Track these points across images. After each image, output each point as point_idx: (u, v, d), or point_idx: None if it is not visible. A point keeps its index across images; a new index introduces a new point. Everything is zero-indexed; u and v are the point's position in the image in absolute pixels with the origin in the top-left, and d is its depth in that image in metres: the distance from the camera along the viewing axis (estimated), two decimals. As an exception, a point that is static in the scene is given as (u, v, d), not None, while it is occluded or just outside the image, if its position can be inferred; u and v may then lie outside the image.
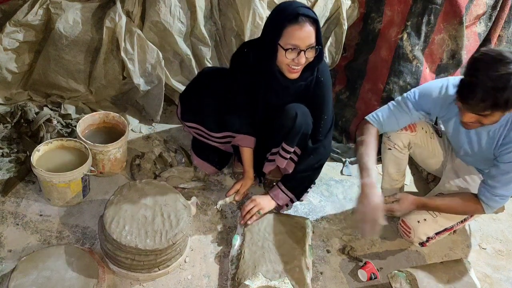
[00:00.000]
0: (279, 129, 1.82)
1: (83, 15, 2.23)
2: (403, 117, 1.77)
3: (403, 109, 1.75)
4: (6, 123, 2.19)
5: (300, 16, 1.56)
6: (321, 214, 2.06)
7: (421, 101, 1.73)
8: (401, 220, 1.87)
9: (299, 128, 1.79)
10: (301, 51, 1.59)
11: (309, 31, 1.58)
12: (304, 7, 1.60)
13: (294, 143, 1.83)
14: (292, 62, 1.61)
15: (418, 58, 2.25)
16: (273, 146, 1.90)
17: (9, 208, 1.81)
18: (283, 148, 1.85)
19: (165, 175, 2.03)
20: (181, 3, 2.22)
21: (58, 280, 1.47)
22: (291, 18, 1.56)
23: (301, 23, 1.56)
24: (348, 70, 2.48)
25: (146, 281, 1.63)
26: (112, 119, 2.09)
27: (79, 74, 2.34)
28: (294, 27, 1.56)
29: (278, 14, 1.62)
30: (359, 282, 1.77)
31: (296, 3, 1.63)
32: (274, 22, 1.62)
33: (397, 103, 1.78)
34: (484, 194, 1.66)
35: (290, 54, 1.59)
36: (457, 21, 2.17)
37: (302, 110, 1.79)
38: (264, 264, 1.63)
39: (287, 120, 1.78)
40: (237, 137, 1.90)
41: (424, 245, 1.86)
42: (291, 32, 1.57)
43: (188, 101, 1.96)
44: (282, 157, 1.86)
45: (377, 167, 2.34)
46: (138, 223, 1.58)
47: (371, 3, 2.32)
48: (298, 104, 1.79)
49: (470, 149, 1.75)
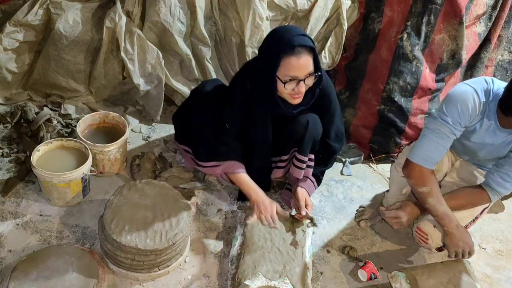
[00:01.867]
0: (289, 137, 1.81)
1: (83, 15, 2.23)
2: (450, 141, 1.66)
3: (448, 135, 1.63)
4: (6, 123, 2.19)
5: (296, 47, 1.51)
6: (321, 214, 2.06)
7: (461, 120, 1.61)
8: (417, 228, 1.81)
9: (310, 136, 1.78)
10: (300, 81, 1.56)
11: (307, 61, 1.54)
12: (299, 35, 1.54)
13: (307, 151, 1.82)
14: (292, 91, 1.59)
15: (418, 58, 2.25)
16: (282, 154, 1.89)
17: (9, 208, 1.81)
18: (297, 158, 1.84)
19: (165, 175, 2.03)
20: (181, 3, 2.22)
21: (58, 280, 1.47)
22: (288, 50, 1.52)
23: (298, 54, 1.52)
24: (348, 70, 2.48)
25: (146, 281, 1.63)
26: (112, 119, 2.09)
27: (79, 74, 2.34)
28: (291, 59, 1.52)
29: (273, 45, 1.56)
30: (359, 282, 1.77)
31: (292, 31, 1.56)
32: (270, 55, 1.56)
33: (438, 132, 1.63)
34: (495, 180, 1.66)
35: (290, 85, 1.57)
36: (457, 21, 2.17)
37: (312, 118, 1.78)
38: (264, 264, 1.63)
39: (299, 128, 1.77)
40: (224, 165, 1.81)
41: (442, 249, 1.79)
42: (288, 63, 1.53)
43: (179, 124, 1.97)
44: (297, 167, 1.85)
45: (376, 166, 2.37)
46: (138, 223, 1.58)
47: (371, 3, 2.32)
48: (309, 113, 1.78)
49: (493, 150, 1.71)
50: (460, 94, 1.60)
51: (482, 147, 1.72)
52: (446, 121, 1.61)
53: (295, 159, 1.85)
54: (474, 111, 1.59)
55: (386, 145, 2.40)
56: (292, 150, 1.88)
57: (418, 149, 1.67)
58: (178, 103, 2.47)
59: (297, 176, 1.88)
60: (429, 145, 1.65)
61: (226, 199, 2.05)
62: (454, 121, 1.60)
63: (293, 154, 1.88)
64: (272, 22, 2.32)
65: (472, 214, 1.82)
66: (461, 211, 1.76)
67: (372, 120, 2.40)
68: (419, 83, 2.27)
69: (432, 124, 1.66)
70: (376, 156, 2.42)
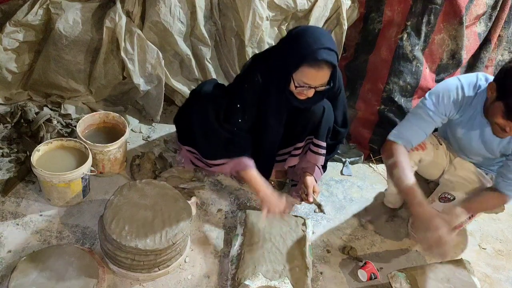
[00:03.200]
0: (306, 124, 1.83)
1: (83, 15, 2.23)
2: (428, 126, 1.72)
3: (426, 119, 1.70)
4: (6, 123, 2.19)
5: (319, 61, 1.51)
6: (321, 214, 2.05)
7: (440, 106, 1.68)
8: (412, 223, 1.84)
9: (326, 122, 1.82)
10: (311, 88, 1.58)
11: (324, 75, 1.56)
12: (326, 48, 1.51)
13: (324, 137, 1.86)
14: (301, 93, 1.62)
15: (418, 58, 2.25)
16: (298, 141, 1.91)
17: (9, 208, 1.81)
18: (314, 144, 1.87)
19: (165, 175, 2.03)
20: (181, 3, 2.22)
21: (58, 280, 1.47)
22: (310, 61, 1.51)
23: (319, 68, 1.52)
24: (348, 70, 2.48)
25: (146, 281, 1.63)
26: (112, 119, 2.09)
27: (79, 74, 2.34)
28: (310, 70, 1.53)
29: (298, 49, 1.54)
30: (359, 282, 1.77)
31: (320, 40, 1.53)
32: (291, 56, 1.56)
33: (417, 114, 1.72)
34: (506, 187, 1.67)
35: (301, 89, 1.59)
36: (457, 21, 2.17)
37: (328, 105, 1.82)
38: (264, 264, 1.63)
39: (316, 114, 1.79)
40: (232, 162, 1.80)
41: None
42: (307, 73, 1.54)
43: (182, 126, 1.97)
44: (315, 153, 1.88)
45: (376, 166, 2.37)
46: (138, 223, 1.58)
47: (371, 3, 2.32)
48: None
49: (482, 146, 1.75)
50: (446, 85, 1.70)
51: (471, 142, 1.76)
52: (424, 104, 1.69)
53: (313, 145, 1.88)
54: (456, 102, 1.66)
55: (386, 145, 2.40)
56: (307, 138, 1.90)
57: (395, 128, 1.76)
58: (178, 103, 2.47)
59: (315, 162, 1.90)
60: (405, 124, 1.74)
61: (226, 199, 2.05)
62: (433, 106, 1.68)
63: (309, 141, 1.90)
64: (272, 22, 2.32)
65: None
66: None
67: (372, 120, 2.40)
68: (419, 83, 2.27)
69: (413, 108, 1.76)
70: (376, 156, 2.42)
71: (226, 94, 1.87)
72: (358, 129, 2.46)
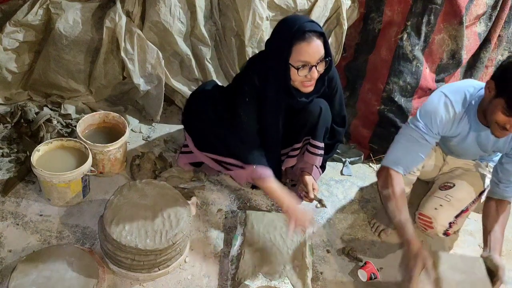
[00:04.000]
0: (303, 125, 1.84)
1: (83, 15, 2.23)
2: (425, 149, 1.69)
3: (421, 142, 1.67)
4: (6, 123, 2.19)
5: (307, 32, 1.55)
6: (321, 214, 2.06)
7: (433, 128, 1.66)
8: (419, 214, 1.83)
9: (323, 123, 1.83)
10: (312, 66, 1.60)
11: (318, 46, 1.58)
12: (309, 21, 1.60)
13: (322, 137, 1.87)
14: (305, 78, 1.63)
15: (418, 58, 2.25)
16: (295, 142, 1.92)
17: (9, 208, 1.81)
18: (311, 145, 1.88)
19: (165, 175, 2.03)
20: (181, 3, 2.22)
21: (58, 280, 1.47)
22: (299, 36, 1.56)
23: (309, 39, 1.56)
24: (348, 70, 2.48)
25: (146, 281, 1.63)
26: (112, 119, 2.09)
27: (79, 74, 2.34)
28: (302, 44, 1.57)
29: (284, 33, 1.60)
30: (359, 282, 1.77)
31: (300, 18, 1.62)
32: (282, 43, 1.60)
33: (411, 138, 1.68)
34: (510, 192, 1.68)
35: (302, 71, 1.61)
36: (457, 21, 2.17)
37: (325, 105, 1.83)
38: (264, 264, 1.63)
39: (313, 114, 1.81)
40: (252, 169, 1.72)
41: (448, 233, 1.79)
42: (300, 49, 1.57)
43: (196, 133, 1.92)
44: (313, 153, 1.89)
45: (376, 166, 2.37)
46: (138, 223, 1.58)
47: (371, 3, 2.32)
48: (319, 99, 1.82)
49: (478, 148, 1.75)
50: (434, 105, 1.66)
51: (465, 148, 1.77)
52: (417, 127, 1.66)
53: (310, 146, 1.89)
54: (448, 121, 1.65)
55: (386, 145, 2.37)
56: (305, 138, 1.91)
57: (388, 153, 1.73)
58: (178, 103, 2.47)
59: (312, 163, 1.91)
60: (399, 148, 1.71)
61: (226, 199, 2.05)
62: (426, 128, 1.66)
63: (306, 142, 1.91)
64: (272, 22, 2.32)
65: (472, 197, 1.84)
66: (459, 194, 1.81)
67: (372, 120, 2.40)
68: (419, 83, 2.27)
69: (404, 129, 1.72)
70: (376, 156, 2.42)
71: (225, 95, 1.88)
72: (358, 129, 2.46)
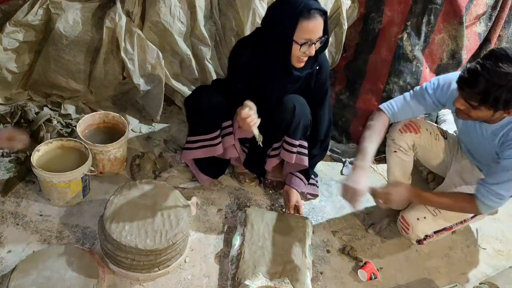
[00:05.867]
0: (279, 123, 1.84)
1: (83, 15, 2.23)
2: (418, 106, 1.79)
3: (419, 99, 1.77)
4: (6, 123, 2.19)
5: (312, 10, 1.59)
6: (321, 214, 2.06)
7: (437, 91, 1.74)
8: (401, 216, 1.85)
9: (298, 120, 1.82)
10: (312, 43, 1.64)
11: (320, 24, 1.63)
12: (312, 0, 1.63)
13: (297, 135, 1.85)
14: (303, 54, 1.67)
15: (418, 58, 2.25)
16: (274, 142, 1.91)
17: (9, 208, 1.81)
18: (286, 142, 1.87)
19: (165, 175, 2.03)
20: (181, 3, 2.22)
21: (58, 280, 1.47)
22: (305, 13, 1.59)
23: (313, 17, 1.60)
24: (348, 70, 2.48)
25: (146, 281, 1.63)
26: (112, 119, 2.09)
27: (79, 74, 2.34)
28: (307, 22, 1.60)
29: (290, 10, 1.62)
30: (359, 282, 1.77)
31: None
32: (287, 18, 1.63)
33: (414, 95, 1.79)
34: (480, 191, 1.60)
35: (304, 47, 1.64)
36: (457, 21, 2.17)
37: (299, 102, 1.83)
38: (264, 264, 1.63)
39: (286, 113, 1.80)
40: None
41: (421, 243, 1.83)
42: (305, 26, 1.61)
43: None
44: (288, 151, 1.88)
45: (376, 166, 2.37)
46: (138, 223, 1.58)
47: (371, 3, 2.32)
48: (295, 95, 1.83)
49: (476, 142, 1.75)
50: (451, 75, 1.75)
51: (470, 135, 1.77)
52: (425, 86, 1.77)
53: (285, 143, 1.88)
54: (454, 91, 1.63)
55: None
56: (284, 137, 1.90)
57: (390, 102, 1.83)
58: (178, 103, 2.47)
59: (288, 160, 1.91)
60: (400, 101, 1.81)
61: (226, 199, 2.05)
62: (432, 90, 1.74)
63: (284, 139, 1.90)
64: (272, 22, 2.32)
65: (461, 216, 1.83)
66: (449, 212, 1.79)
67: (372, 120, 2.40)
68: (419, 83, 2.27)
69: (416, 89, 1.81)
70: (376, 156, 2.41)
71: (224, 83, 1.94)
72: (358, 129, 2.45)
